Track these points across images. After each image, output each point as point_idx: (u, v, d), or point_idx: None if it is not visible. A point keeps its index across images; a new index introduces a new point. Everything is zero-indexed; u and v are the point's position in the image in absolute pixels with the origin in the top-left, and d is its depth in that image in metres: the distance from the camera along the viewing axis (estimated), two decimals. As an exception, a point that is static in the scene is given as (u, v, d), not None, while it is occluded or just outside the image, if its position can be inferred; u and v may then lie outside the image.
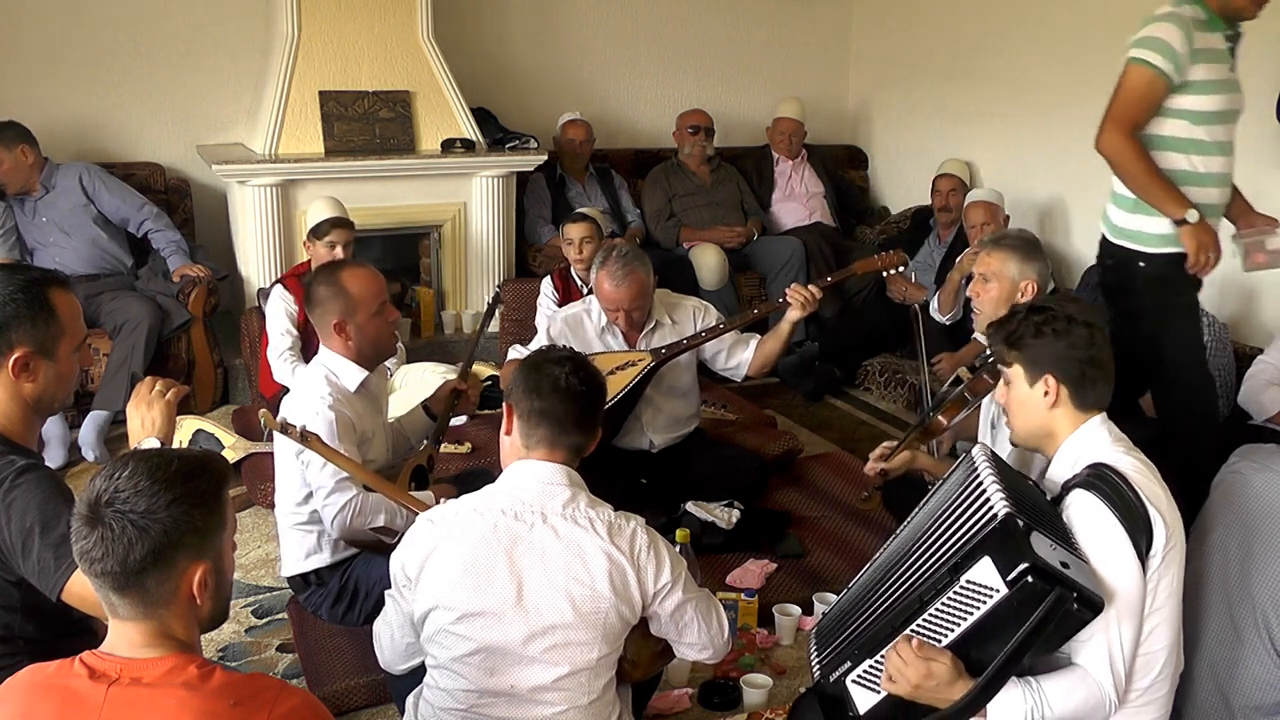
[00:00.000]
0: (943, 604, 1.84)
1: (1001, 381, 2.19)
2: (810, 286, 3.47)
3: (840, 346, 5.31)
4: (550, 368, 2.10)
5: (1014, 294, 3.02)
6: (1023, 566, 1.73)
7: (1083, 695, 1.88)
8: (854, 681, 1.97)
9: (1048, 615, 1.74)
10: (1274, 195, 4.39)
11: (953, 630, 1.84)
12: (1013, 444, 2.26)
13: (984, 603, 1.78)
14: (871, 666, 1.94)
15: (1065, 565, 1.77)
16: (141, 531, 1.41)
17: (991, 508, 1.83)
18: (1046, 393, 2.07)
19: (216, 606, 1.52)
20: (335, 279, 2.89)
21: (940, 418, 3.07)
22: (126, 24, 5.13)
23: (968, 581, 1.80)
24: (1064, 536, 1.89)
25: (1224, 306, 4.53)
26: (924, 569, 1.91)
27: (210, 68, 5.29)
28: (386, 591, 2.17)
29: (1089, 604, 1.76)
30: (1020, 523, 1.78)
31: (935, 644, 1.86)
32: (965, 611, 1.81)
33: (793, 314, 3.47)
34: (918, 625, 1.88)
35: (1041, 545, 1.78)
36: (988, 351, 2.51)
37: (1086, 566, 1.85)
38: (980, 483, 1.92)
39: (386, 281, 3.02)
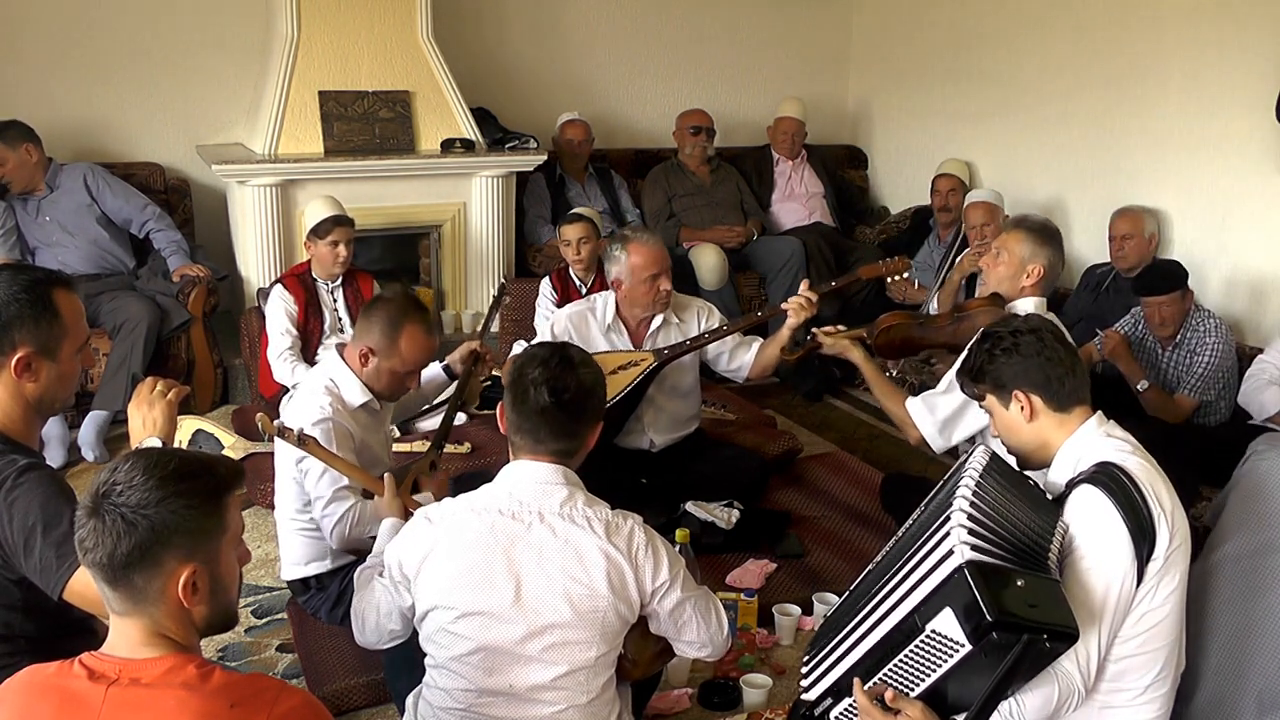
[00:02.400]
0: (912, 652, 1.78)
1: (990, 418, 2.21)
2: (808, 291, 3.47)
3: (840, 346, 5.30)
4: (527, 375, 2.07)
5: (1020, 274, 3.06)
6: (985, 622, 1.65)
7: (1057, 698, 1.88)
8: (837, 718, 1.95)
9: (1020, 658, 1.69)
10: (1274, 195, 4.40)
11: (923, 680, 1.79)
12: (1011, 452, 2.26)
13: (951, 655, 1.73)
14: (851, 707, 1.90)
15: (1034, 604, 1.69)
16: (130, 526, 1.41)
17: (951, 549, 1.75)
18: (1023, 407, 2.09)
19: (212, 611, 1.50)
20: (399, 328, 2.82)
21: (885, 315, 3.29)
22: (126, 24, 5.13)
23: (933, 632, 1.74)
24: (1039, 558, 1.81)
25: (1230, 306, 4.53)
26: (899, 600, 1.84)
27: (210, 68, 5.29)
28: (378, 578, 2.15)
29: (1063, 638, 1.72)
30: (981, 568, 1.70)
31: (907, 693, 1.81)
32: (934, 663, 1.76)
33: (791, 320, 3.48)
34: (889, 671, 1.83)
35: (1009, 587, 1.69)
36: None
37: (1059, 591, 1.78)
38: (950, 511, 1.84)
39: (385, 282, 3.02)
